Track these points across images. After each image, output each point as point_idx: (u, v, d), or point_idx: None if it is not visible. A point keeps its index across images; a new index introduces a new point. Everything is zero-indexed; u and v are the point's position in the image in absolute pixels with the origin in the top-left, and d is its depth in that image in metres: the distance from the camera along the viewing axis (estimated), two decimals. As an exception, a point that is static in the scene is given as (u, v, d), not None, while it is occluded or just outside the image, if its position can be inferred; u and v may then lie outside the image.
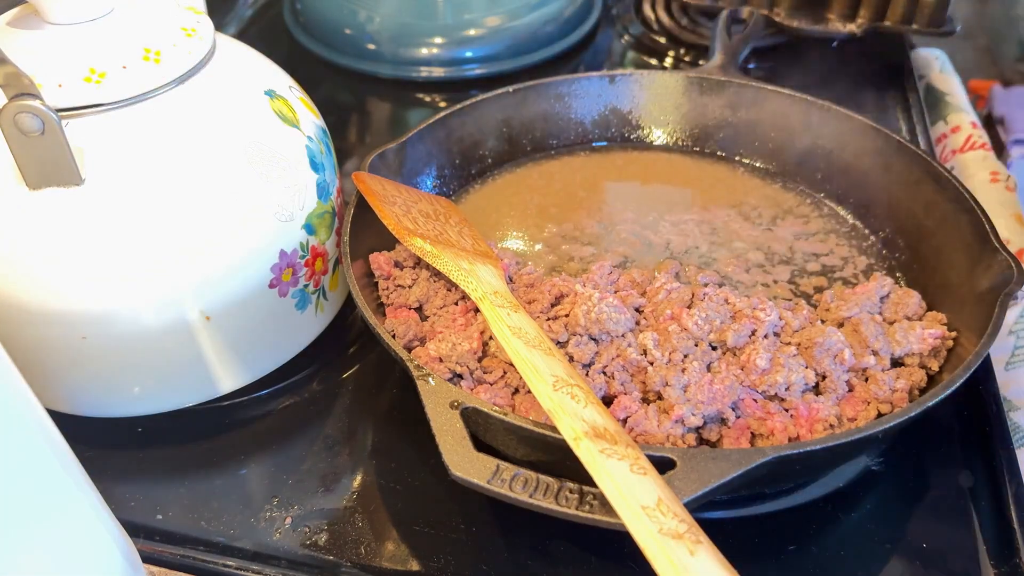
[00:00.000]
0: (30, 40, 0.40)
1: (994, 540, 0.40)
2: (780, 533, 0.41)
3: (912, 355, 0.42)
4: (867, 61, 0.77)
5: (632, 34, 0.84)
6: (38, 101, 0.35)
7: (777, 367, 0.40)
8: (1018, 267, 0.41)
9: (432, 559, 0.40)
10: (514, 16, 0.75)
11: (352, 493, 0.43)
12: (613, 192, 0.57)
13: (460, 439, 0.34)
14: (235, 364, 0.45)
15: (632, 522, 0.29)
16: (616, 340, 0.42)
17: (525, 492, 0.32)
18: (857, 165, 0.54)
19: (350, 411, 0.47)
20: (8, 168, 0.38)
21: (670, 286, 0.45)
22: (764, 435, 0.38)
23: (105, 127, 0.39)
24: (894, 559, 0.39)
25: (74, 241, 0.38)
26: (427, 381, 0.36)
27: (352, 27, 0.76)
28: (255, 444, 0.45)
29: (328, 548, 0.40)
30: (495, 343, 0.42)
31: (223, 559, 0.40)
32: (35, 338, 0.41)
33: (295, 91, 0.48)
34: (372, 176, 0.49)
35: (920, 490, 0.42)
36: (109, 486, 0.42)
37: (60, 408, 0.44)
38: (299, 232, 0.44)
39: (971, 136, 0.68)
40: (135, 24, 0.41)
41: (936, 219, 0.48)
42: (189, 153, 0.40)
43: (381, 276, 0.47)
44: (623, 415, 0.38)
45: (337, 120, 0.72)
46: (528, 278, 0.47)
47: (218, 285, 0.41)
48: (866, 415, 0.39)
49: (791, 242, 0.52)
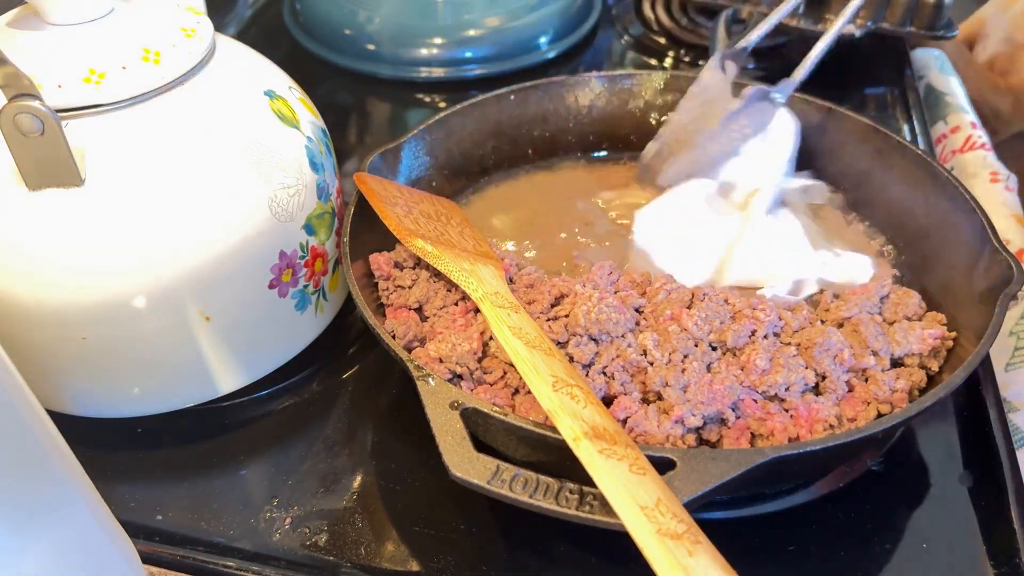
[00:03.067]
0: (30, 40, 0.40)
1: (994, 540, 0.40)
2: (780, 533, 0.41)
3: (912, 355, 0.42)
4: (867, 61, 0.77)
5: (632, 34, 0.84)
6: (38, 102, 0.35)
7: (777, 367, 0.40)
8: (1018, 267, 0.41)
9: (432, 559, 0.40)
10: (514, 16, 0.75)
11: (352, 493, 0.43)
12: (612, 193, 0.57)
13: (460, 439, 0.34)
14: (235, 364, 0.45)
15: (631, 522, 0.29)
16: (616, 340, 0.42)
17: (525, 492, 0.32)
18: (857, 165, 0.54)
19: (350, 412, 0.47)
20: (8, 168, 0.38)
21: (670, 286, 0.45)
22: (764, 435, 0.38)
23: (105, 127, 0.39)
24: (894, 559, 0.39)
25: (74, 242, 0.38)
26: (427, 382, 0.36)
27: (352, 27, 0.76)
28: (255, 444, 0.45)
29: (328, 548, 0.40)
30: (495, 343, 0.42)
31: (223, 559, 0.40)
32: (35, 338, 0.41)
33: (295, 91, 0.48)
34: (374, 177, 0.49)
35: (920, 490, 0.42)
36: (109, 486, 0.42)
37: (60, 408, 0.44)
38: (299, 233, 0.44)
39: (971, 136, 0.68)
40: (135, 24, 0.41)
41: (936, 219, 0.48)
42: (189, 153, 0.40)
43: (381, 277, 0.47)
44: (623, 415, 0.38)
45: (337, 120, 0.72)
46: (528, 278, 0.47)
47: (218, 286, 0.41)
48: (866, 415, 0.39)
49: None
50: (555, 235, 0.53)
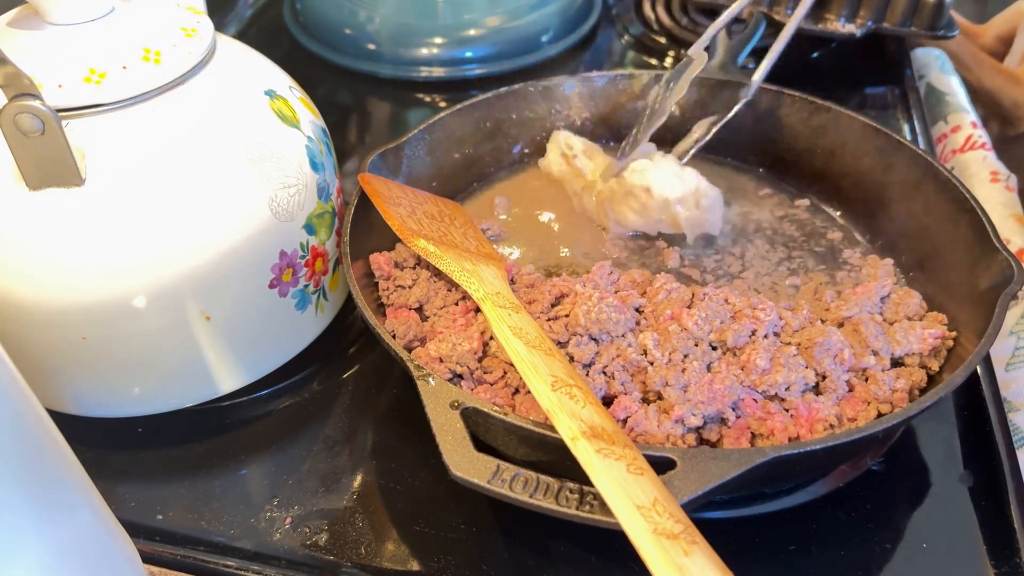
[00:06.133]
0: (30, 40, 0.40)
1: (994, 540, 0.40)
2: (780, 533, 0.41)
3: (912, 355, 0.42)
4: (867, 61, 0.77)
5: (632, 34, 0.83)
6: (38, 101, 0.35)
7: (777, 367, 0.40)
8: (1018, 267, 0.41)
9: (432, 559, 0.40)
10: (514, 16, 0.75)
11: (352, 493, 0.43)
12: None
13: (460, 439, 0.34)
14: (235, 364, 0.45)
15: (627, 521, 0.29)
16: (616, 340, 0.42)
17: (525, 492, 0.32)
18: (857, 165, 0.54)
19: (350, 411, 0.47)
20: (8, 168, 0.38)
21: (670, 286, 0.45)
22: (764, 435, 0.38)
23: (105, 127, 0.39)
24: (894, 559, 0.39)
25: (74, 241, 0.38)
26: (427, 381, 0.36)
27: (352, 27, 0.76)
28: (255, 444, 0.45)
29: (328, 548, 0.40)
30: (495, 343, 0.42)
31: (223, 559, 0.40)
32: (35, 338, 0.41)
33: (295, 91, 0.48)
34: (377, 178, 0.49)
35: (920, 490, 0.42)
36: (109, 486, 0.43)
37: (60, 408, 0.44)
38: (299, 232, 0.44)
39: (971, 136, 0.68)
40: (135, 24, 0.41)
41: (936, 219, 0.48)
42: (189, 153, 0.40)
43: (381, 276, 0.47)
44: (623, 415, 0.38)
45: (337, 120, 0.72)
46: (528, 278, 0.47)
47: (218, 285, 0.41)
48: (866, 415, 0.39)
49: (791, 242, 0.52)
50: (555, 234, 0.53)
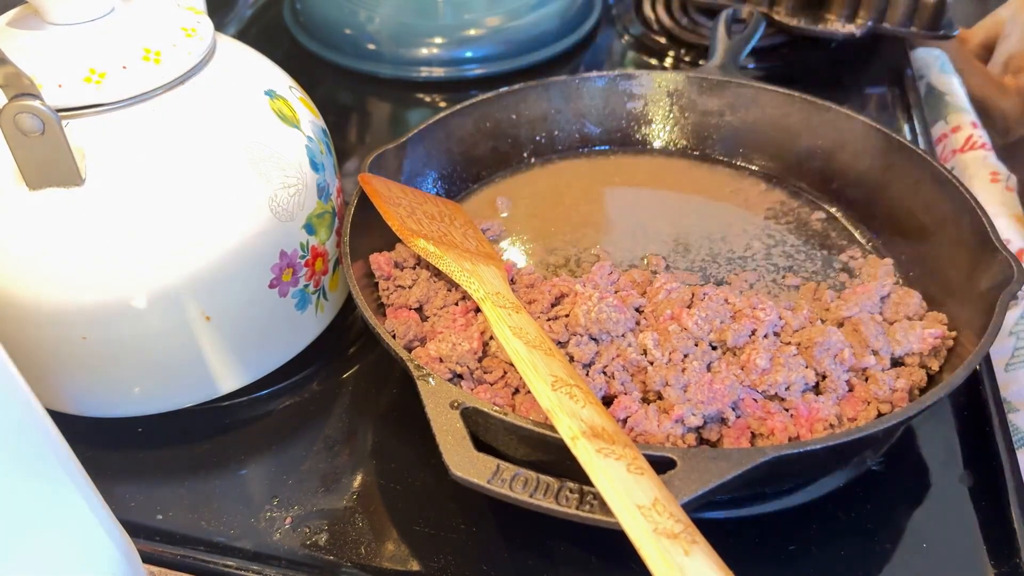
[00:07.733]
0: (30, 40, 0.40)
1: (994, 540, 0.40)
2: (780, 533, 0.41)
3: (912, 355, 0.42)
4: (867, 61, 0.77)
5: (632, 34, 0.83)
6: (38, 101, 0.35)
7: (777, 367, 0.40)
8: (1018, 267, 0.41)
9: (432, 559, 0.40)
10: (514, 16, 0.75)
11: (352, 493, 0.43)
12: (612, 194, 0.57)
13: (460, 439, 0.34)
14: (235, 364, 0.45)
15: (627, 521, 0.29)
16: (616, 340, 0.42)
17: (525, 492, 0.32)
18: (857, 165, 0.54)
19: (350, 411, 0.47)
20: (8, 168, 0.38)
21: (670, 286, 0.45)
22: (764, 435, 0.38)
23: (105, 127, 0.39)
24: (894, 559, 0.39)
25: (74, 241, 0.38)
26: (427, 381, 0.36)
27: (352, 27, 0.76)
28: (255, 444, 0.45)
29: (328, 548, 0.40)
30: (495, 343, 0.42)
31: (223, 559, 0.40)
32: (35, 338, 0.41)
33: (295, 91, 0.48)
34: (377, 178, 0.49)
35: (920, 490, 0.42)
36: (109, 486, 0.42)
37: (60, 408, 0.44)
38: (299, 232, 0.44)
39: (971, 136, 0.68)
40: (135, 24, 0.41)
41: (936, 219, 0.48)
42: (189, 153, 0.40)
43: (381, 276, 0.47)
44: (623, 415, 0.38)
45: (337, 120, 0.72)
46: (528, 278, 0.47)
47: (218, 285, 0.41)
48: (866, 415, 0.39)
49: (791, 242, 0.52)
50: (555, 234, 0.53)
